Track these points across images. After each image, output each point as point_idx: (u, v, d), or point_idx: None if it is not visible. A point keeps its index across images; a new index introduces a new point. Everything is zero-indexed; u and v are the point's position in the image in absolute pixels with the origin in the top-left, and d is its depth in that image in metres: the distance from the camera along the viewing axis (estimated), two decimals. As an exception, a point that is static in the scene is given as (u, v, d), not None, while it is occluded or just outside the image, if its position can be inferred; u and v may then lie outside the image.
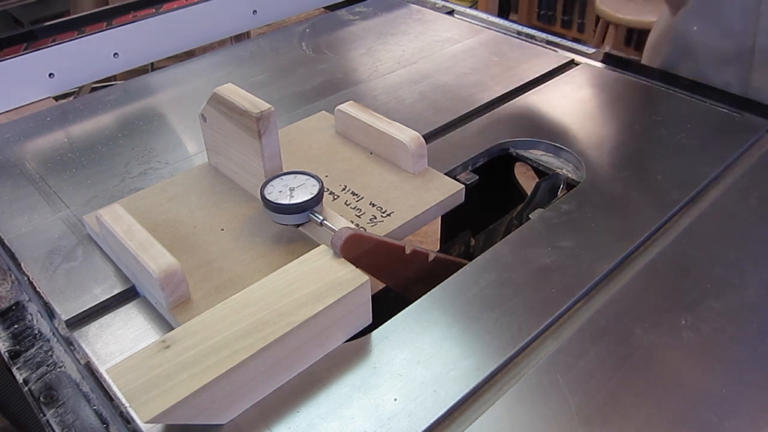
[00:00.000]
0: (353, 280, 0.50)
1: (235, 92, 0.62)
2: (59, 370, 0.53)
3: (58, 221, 0.66)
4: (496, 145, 0.76)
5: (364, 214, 0.63)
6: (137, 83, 0.94)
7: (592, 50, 0.97)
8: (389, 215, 0.63)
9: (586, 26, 2.67)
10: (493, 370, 0.49)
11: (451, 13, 1.13)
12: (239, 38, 1.14)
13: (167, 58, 1.07)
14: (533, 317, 0.53)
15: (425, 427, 0.45)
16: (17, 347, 0.55)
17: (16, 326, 0.57)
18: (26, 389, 0.51)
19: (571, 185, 0.71)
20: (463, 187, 0.67)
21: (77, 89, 1.12)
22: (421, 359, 0.50)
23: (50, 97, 0.95)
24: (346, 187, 0.67)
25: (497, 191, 0.87)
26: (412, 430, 0.45)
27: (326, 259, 0.52)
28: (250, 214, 0.63)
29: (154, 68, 1.14)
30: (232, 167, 0.67)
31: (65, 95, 1.06)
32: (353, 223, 0.60)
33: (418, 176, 0.67)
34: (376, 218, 0.62)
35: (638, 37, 2.36)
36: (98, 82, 1.06)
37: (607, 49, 2.20)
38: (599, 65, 0.93)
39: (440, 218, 0.82)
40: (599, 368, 0.49)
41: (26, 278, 0.59)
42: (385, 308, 0.54)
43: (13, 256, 0.62)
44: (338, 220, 0.57)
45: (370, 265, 0.52)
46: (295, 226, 0.58)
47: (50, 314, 0.57)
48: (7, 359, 0.54)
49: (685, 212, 0.65)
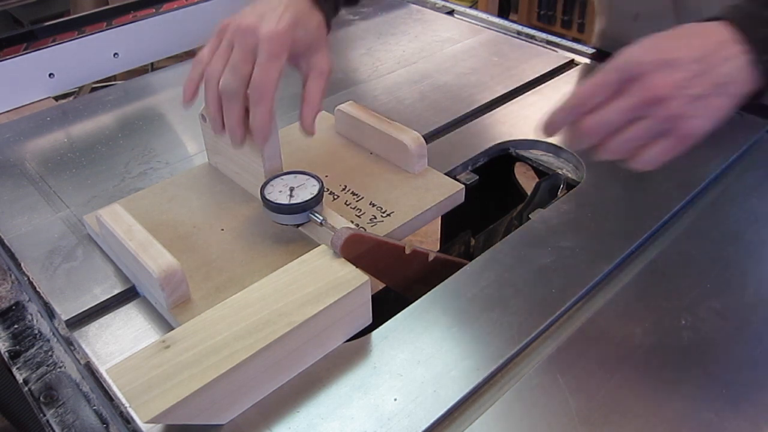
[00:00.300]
0: (353, 280, 0.50)
1: (235, 92, 0.62)
2: (59, 370, 0.53)
3: (58, 221, 0.66)
4: (496, 145, 0.76)
5: (364, 214, 0.63)
6: (137, 83, 0.94)
7: (592, 50, 0.97)
8: (389, 215, 0.63)
9: (586, 26, 2.66)
10: (493, 370, 0.49)
11: (451, 13, 1.13)
12: (239, 38, 1.14)
13: (167, 58, 1.07)
14: (533, 317, 0.53)
15: (425, 427, 0.45)
16: (17, 347, 0.55)
17: (16, 326, 0.57)
18: (26, 389, 0.51)
19: (571, 185, 0.71)
20: (463, 187, 0.67)
21: (77, 89, 1.12)
22: (421, 359, 0.50)
23: (50, 97, 0.95)
24: (346, 187, 0.67)
25: (497, 191, 0.87)
26: (412, 430, 0.45)
27: (326, 259, 0.52)
28: (250, 214, 0.63)
29: (154, 68, 1.14)
30: (232, 167, 0.67)
31: (65, 95, 1.06)
32: (353, 223, 0.60)
33: (418, 176, 0.67)
34: (376, 218, 0.62)
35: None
36: (98, 82, 1.06)
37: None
38: (599, 65, 0.93)
39: (440, 218, 0.82)
40: (599, 368, 0.49)
41: (26, 278, 0.59)
42: (385, 308, 0.54)
43: (13, 256, 0.62)
44: (338, 220, 0.57)
45: (370, 265, 0.52)
46: (295, 226, 0.58)
47: (50, 314, 0.56)
48: (7, 359, 0.54)
49: (685, 212, 0.65)
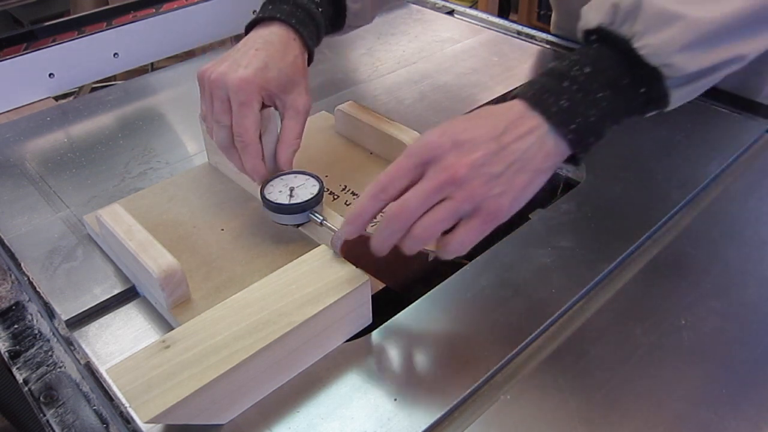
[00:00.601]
0: (353, 280, 0.50)
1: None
2: (59, 370, 0.53)
3: (58, 221, 0.66)
4: (496, 145, 0.76)
5: (364, 214, 0.63)
6: (137, 83, 0.94)
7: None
8: (389, 215, 0.62)
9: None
10: (493, 370, 0.49)
11: (451, 13, 1.13)
12: (239, 38, 1.14)
13: (167, 58, 1.07)
14: (533, 317, 0.53)
15: (425, 427, 0.45)
16: (17, 347, 0.55)
17: (16, 326, 0.57)
18: (26, 389, 0.51)
19: (571, 185, 0.71)
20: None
21: (77, 89, 1.12)
22: (421, 359, 0.50)
23: (50, 97, 0.95)
24: (346, 187, 0.67)
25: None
26: (412, 430, 0.45)
27: (326, 259, 0.52)
28: (250, 214, 0.63)
29: (154, 68, 1.14)
30: (232, 167, 0.67)
31: (65, 95, 1.06)
32: (353, 223, 0.60)
33: (418, 176, 0.67)
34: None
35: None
36: (98, 82, 1.06)
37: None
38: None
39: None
40: (599, 368, 0.49)
41: (26, 278, 0.59)
42: (385, 308, 0.54)
43: (13, 256, 0.62)
44: (338, 220, 0.57)
45: (370, 265, 0.52)
46: (295, 226, 0.58)
47: (50, 314, 0.56)
48: (7, 359, 0.54)
49: (685, 212, 0.65)
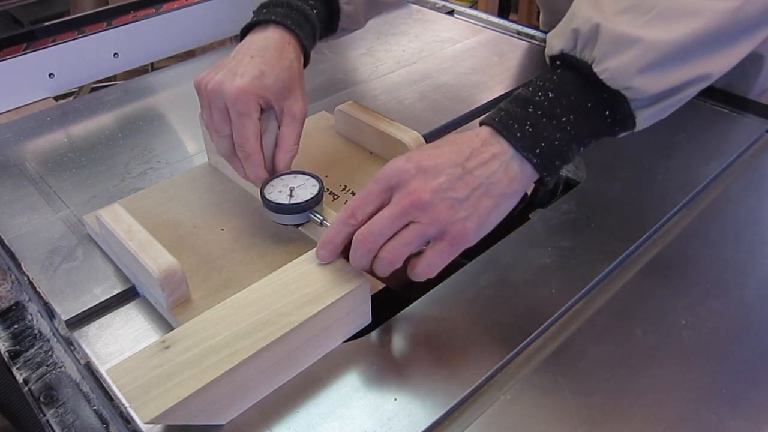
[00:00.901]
0: (353, 280, 0.50)
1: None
2: (59, 370, 0.53)
3: (58, 221, 0.66)
4: (496, 145, 0.76)
5: (364, 214, 0.63)
6: (137, 83, 0.94)
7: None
8: (389, 215, 0.62)
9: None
10: (493, 370, 0.49)
11: (451, 13, 1.13)
12: (239, 38, 1.14)
13: (167, 58, 1.07)
14: (533, 317, 0.53)
15: (425, 427, 0.45)
16: (17, 347, 0.55)
17: (16, 326, 0.57)
18: (26, 389, 0.51)
19: (571, 185, 0.71)
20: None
21: (77, 89, 1.12)
22: (420, 359, 0.50)
23: (50, 97, 0.95)
24: (346, 187, 0.67)
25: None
26: (412, 430, 0.45)
27: (326, 259, 0.52)
28: (250, 214, 0.63)
29: (154, 68, 1.14)
30: (232, 167, 0.67)
31: (65, 95, 1.06)
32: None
33: (418, 176, 0.67)
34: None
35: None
36: (98, 82, 1.06)
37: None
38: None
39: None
40: (599, 368, 0.49)
41: (26, 278, 0.59)
42: (385, 308, 0.54)
43: (13, 256, 0.62)
44: (338, 220, 0.57)
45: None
46: (295, 226, 0.58)
47: (50, 314, 0.56)
48: (7, 359, 0.54)
49: (685, 212, 0.65)
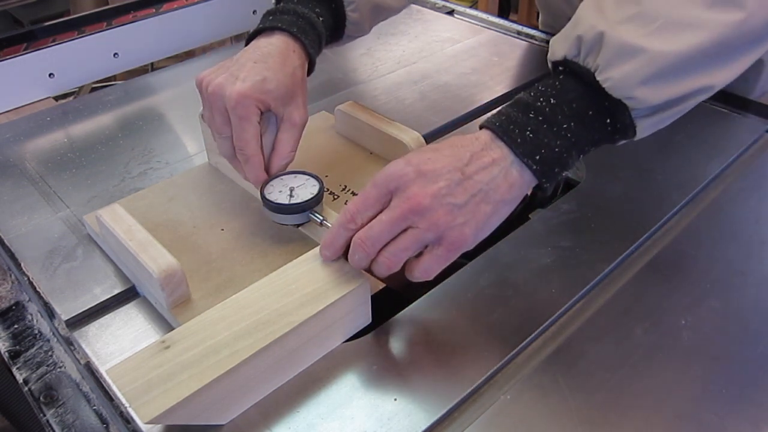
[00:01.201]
0: (353, 280, 0.50)
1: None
2: (59, 370, 0.53)
3: (58, 221, 0.66)
4: (496, 145, 0.76)
5: (364, 214, 0.63)
6: (137, 83, 0.94)
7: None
8: (389, 215, 0.62)
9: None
10: (493, 370, 0.49)
11: (451, 13, 1.13)
12: (239, 38, 1.14)
13: (167, 58, 1.07)
14: (533, 317, 0.53)
15: (425, 427, 0.45)
16: (17, 347, 0.55)
17: (16, 326, 0.57)
18: (26, 389, 0.51)
19: (571, 185, 0.71)
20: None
21: (77, 89, 1.12)
22: (420, 359, 0.50)
23: (50, 97, 0.95)
24: (346, 187, 0.67)
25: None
26: (412, 430, 0.45)
27: (326, 259, 0.52)
28: (250, 214, 0.63)
29: (154, 68, 1.14)
30: (232, 169, 0.67)
31: (65, 95, 1.06)
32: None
33: (418, 176, 0.67)
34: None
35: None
36: (98, 82, 1.06)
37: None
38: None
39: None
40: (599, 368, 0.49)
41: (26, 278, 0.59)
42: (385, 308, 0.54)
43: (13, 256, 0.62)
44: (338, 220, 0.57)
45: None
46: (295, 226, 0.58)
47: (50, 314, 0.56)
48: (7, 359, 0.54)
49: (685, 212, 0.65)
